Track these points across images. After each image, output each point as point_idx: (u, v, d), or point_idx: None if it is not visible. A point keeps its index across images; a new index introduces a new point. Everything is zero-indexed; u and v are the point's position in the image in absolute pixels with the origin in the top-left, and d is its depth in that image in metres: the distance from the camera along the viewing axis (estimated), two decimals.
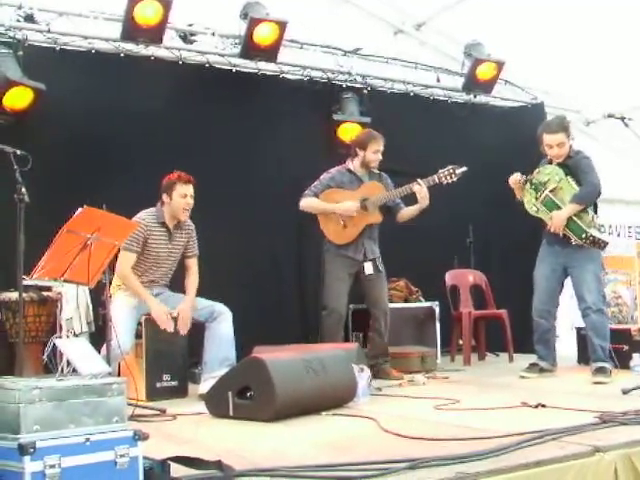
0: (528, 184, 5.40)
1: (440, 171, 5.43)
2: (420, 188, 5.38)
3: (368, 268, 5.56)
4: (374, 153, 5.58)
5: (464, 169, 5.42)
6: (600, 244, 5.23)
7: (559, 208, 5.22)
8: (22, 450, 2.13)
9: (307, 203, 5.61)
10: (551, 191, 5.27)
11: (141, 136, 6.08)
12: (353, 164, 5.66)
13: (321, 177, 5.65)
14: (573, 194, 5.19)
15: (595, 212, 5.32)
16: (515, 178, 5.45)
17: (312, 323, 6.26)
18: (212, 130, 6.46)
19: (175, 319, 4.88)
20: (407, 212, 5.64)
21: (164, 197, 5.02)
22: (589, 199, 5.25)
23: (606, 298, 5.74)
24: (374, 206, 5.54)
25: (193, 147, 6.26)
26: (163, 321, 4.83)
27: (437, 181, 5.42)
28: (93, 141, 5.89)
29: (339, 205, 5.52)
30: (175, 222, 5.09)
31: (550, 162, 5.41)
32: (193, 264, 5.22)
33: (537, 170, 5.41)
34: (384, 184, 5.68)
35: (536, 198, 5.34)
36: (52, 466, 2.16)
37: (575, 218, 5.18)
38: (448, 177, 5.41)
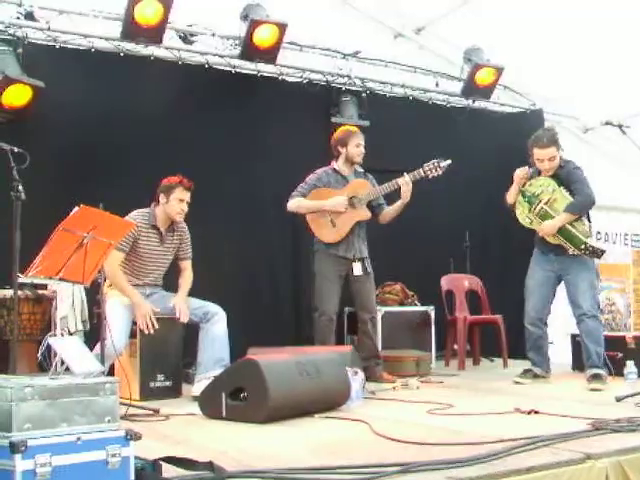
0: (521, 196, 5.40)
1: (425, 165, 5.42)
2: (406, 181, 5.37)
3: (357, 269, 5.55)
4: (356, 147, 5.59)
5: (448, 162, 5.42)
6: (598, 253, 5.23)
7: None
8: (13, 448, 2.13)
9: (295, 203, 5.58)
10: (545, 203, 5.27)
11: (139, 135, 6.07)
12: (337, 164, 5.67)
13: (307, 178, 5.65)
14: (567, 204, 5.19)
15: (589, 220, 5.33)
16: (523, 171, 5.41)
17: (306, 325, 6.25)
18: (210, 130, 6.46)
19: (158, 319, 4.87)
20: (390, 211, 5.61)
21: (161, 197, 5.01)
22: (583, 209, 5.27)
23: (600, 305, 5.74)
24: (361, 203, 5.53)
25: (190, 147, 6.25)
26: (143, 322, 4.80)
27: (422, 174, 5.41)
28: (91, 140, 5.88)
29: (328, 201, 5.50)
30: (168, 224, 5.07)
31: (539, 173, 5.42)
32: (187, 266, 5.19)
33: (529, 182, 5.40)
34: (369, 181, 5.67)
35: (530, 210, 5.34)
36: (43, 465, 2.16)
37: (571, 228, 5.18)
38: (433, 170, 5.40)
